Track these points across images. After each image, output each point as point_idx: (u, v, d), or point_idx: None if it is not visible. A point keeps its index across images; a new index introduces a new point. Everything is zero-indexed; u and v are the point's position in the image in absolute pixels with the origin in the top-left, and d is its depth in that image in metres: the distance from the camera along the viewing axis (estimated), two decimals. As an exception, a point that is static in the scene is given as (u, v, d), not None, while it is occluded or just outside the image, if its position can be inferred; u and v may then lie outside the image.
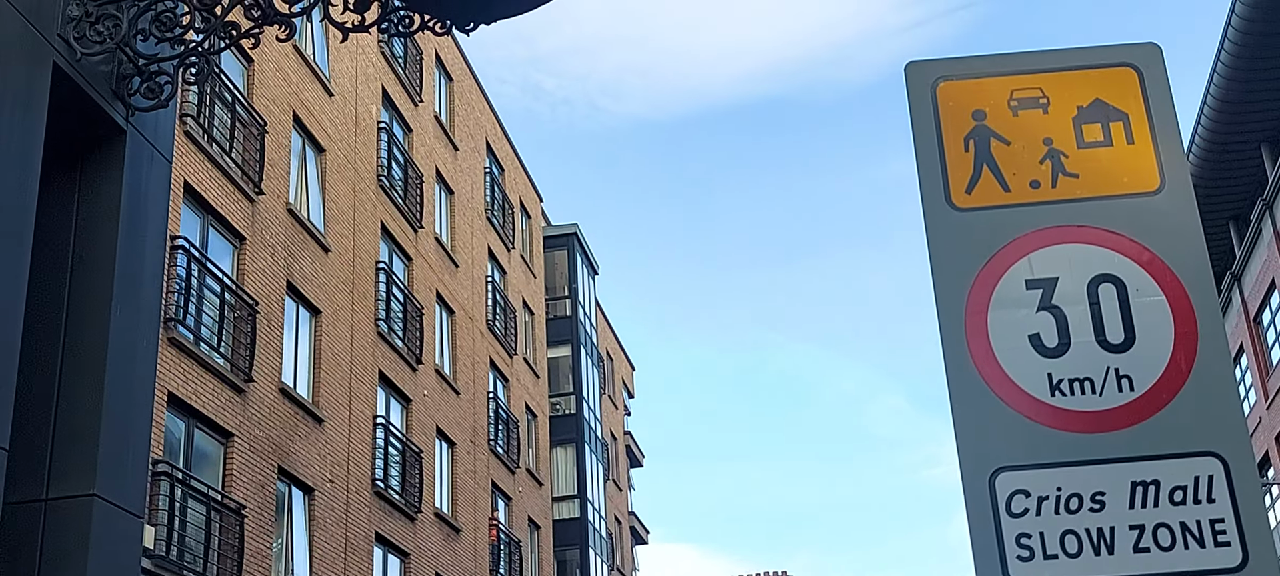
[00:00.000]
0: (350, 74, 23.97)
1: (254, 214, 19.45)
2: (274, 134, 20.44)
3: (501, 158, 33.93)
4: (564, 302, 38.94)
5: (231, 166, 18.71)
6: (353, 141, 23.75)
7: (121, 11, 5.96)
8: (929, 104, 3.44)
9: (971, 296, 3.26)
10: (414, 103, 27.31)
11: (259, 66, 20.01)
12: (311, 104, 22.00)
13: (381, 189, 24.86)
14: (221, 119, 18.53)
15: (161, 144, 6.70)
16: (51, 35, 5.79)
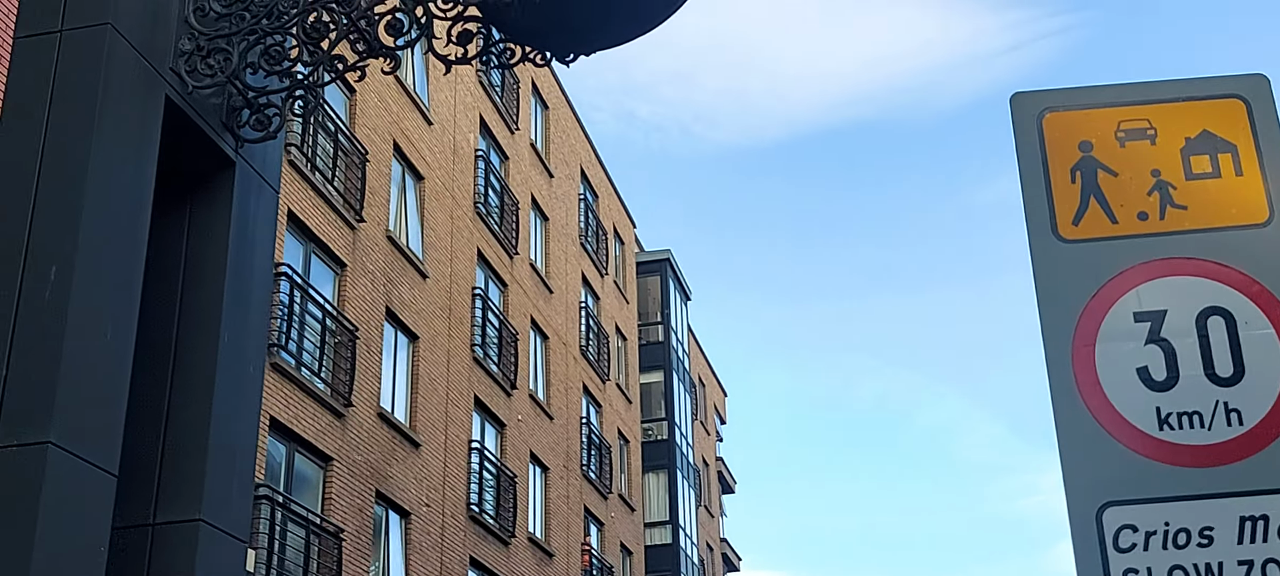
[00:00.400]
0: (449, 103, 24.37)
1: (355, 241, 19.83)
2: (375, 162, 20.83)
3: (595, 184, 34.17)
4: (657, 328, 39.01)
5: (334, 194, 19.11)
6: (451, 169, 24.11)
7: (232, 46, 6.13)
8: (1035, 135, 3.41)
9: (1079, 329, 3.22)
10: (510, 130, 27.65)
11: (361, 97, 20.44)
12: (411, 133, 22.40)
13: (478, 216, 25.18)
14: (324, 148, 18.95)
15: (269, 174, 6.87)
16: (164, 69, 5.98)
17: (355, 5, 6.13)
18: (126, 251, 5.54)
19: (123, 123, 5.63)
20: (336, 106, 19.87)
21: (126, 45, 5.68)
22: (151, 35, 5.92)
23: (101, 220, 5.38)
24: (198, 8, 6.20)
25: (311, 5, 6.18)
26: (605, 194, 35.16)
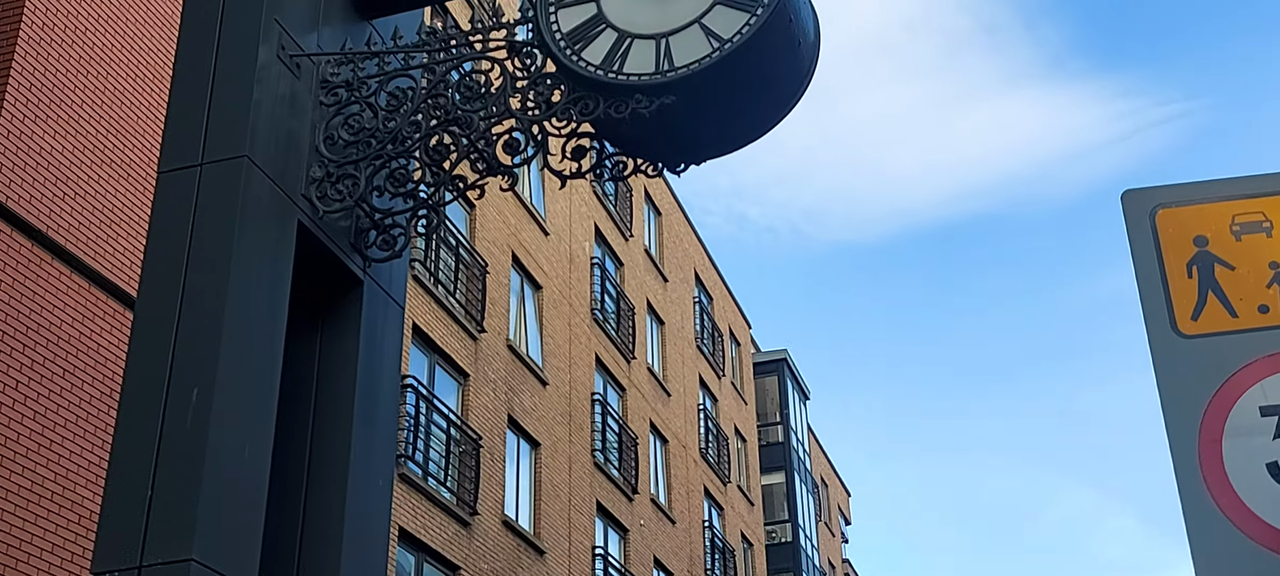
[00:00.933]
0: (565, 213, 24.83)
1: (477, 351, 20.20)
2: (495, 274, 21.28)
3: (709, 287, 34.30)
4: (776, 429, 38.68)
5: (456, 306, 19.55)
6: (568, 277, 24.49)
7: (360, 171, 6.40)
8: (1148, 231, 3.40)
9: (1204, 424, 3.17)
10: (625, 237, 28.01)
11: (481, 211, 20.97)
12: (529, 243, 22.85)
13: (595, 322, 25.46)
14: (446, 262, 19.44)
15: (395, 291, 7.11)
16: (297, 196, 6.26)
17: (474, 127, 6.37)
18: (263, 373, 5.77)
19: (259, 250, 5.90)
20: (457, 221, 20.41)
21: (262, 176, 5.97)
22: (285, 165, 6.22)
23: (239, 344, 5.62)
24: (328, 137, 6.51)
25: (433, 129, 6.44)
26: (720, 296, 35.25)
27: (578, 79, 6.13)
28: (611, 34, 6.18)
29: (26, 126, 6.05)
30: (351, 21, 7.04)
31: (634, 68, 6.04)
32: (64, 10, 6.45)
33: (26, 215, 5.94)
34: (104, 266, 6.15)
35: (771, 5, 5.98)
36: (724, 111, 6.29)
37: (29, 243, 5.94)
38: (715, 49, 5.97)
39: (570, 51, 6.17)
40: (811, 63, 6.53)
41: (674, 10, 6.15)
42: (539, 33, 6.28)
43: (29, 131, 6.05)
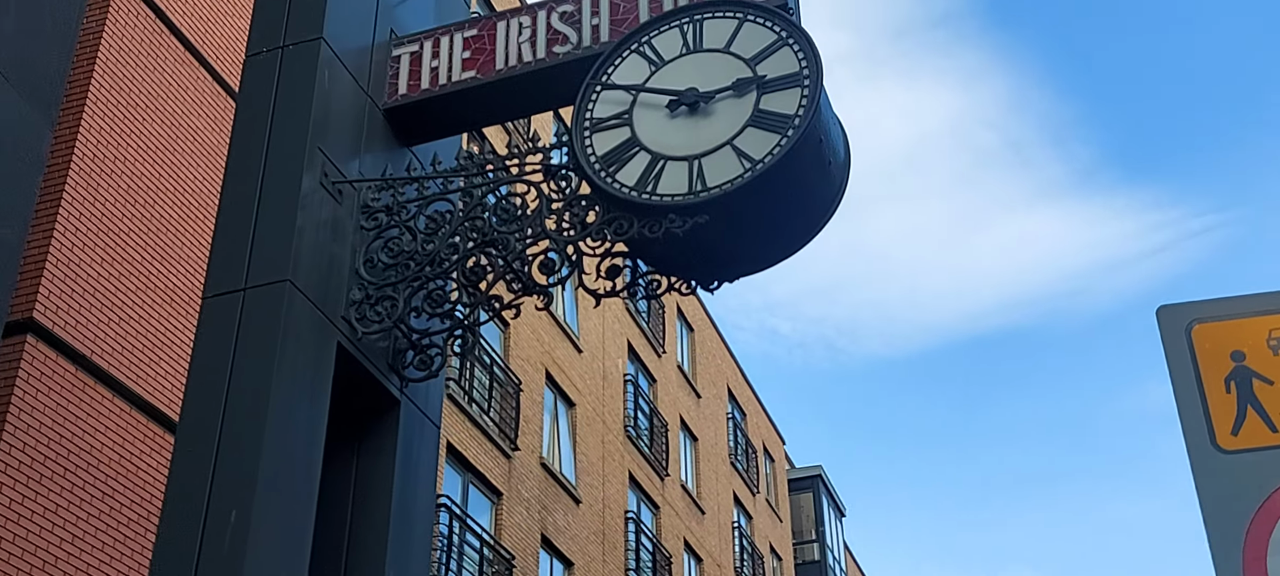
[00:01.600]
0: (598, 331, 24.93)
1: (510, 470, 20.16)
2: (528, 392, 21.33)
3: (743, 403, 34.18)
4: (812, 547, 38.17)
5: (490, 425, 19.57)
6: (601, 394, 24.49)
7: (398, 293, 6.50)
8: (1185, 347, 3.41)
9: (1248, 541, 3.15)
10: (658, 354, 28.05)
11: (515, 329, 21.09)
12: (562, 361, 22.92)
13: (629, 439, 25.38)
14: (481, 380, 19.51)
15: (431, 411, 7.16)
16: (336, 318, 6.36)
17: (511, 248, 6.47)
18: (300, 496, 5.80)
19: (299, 372, 5.98)
20: (492, 340, 20.53)
21: (304, 299, 6.08)
22: (326, 288, 6.33)
23: (278, 467, 5.67)
24: (367, 260, 6.62)
25: (470, 251, 6.55)
26: (753, 412, 35.10)
27: (612, 200, 6.23)
28: (645, 156, 6.29)
29: (75, 254, 6.19)
30: (392, 148, 7.21)
31: (667, 188, 6.14)
32: (114, 142, 6.64)
33: (71, 340, 6.05)
34: (146, 391, 6.24)
35: (801, 127, 6.09)
36: (756, 230, 6.37)
37: (73, 367, 6.05)
38: (747, 170, 6.07)
39: (605, 173, 6.29)
40: (842, 181, 6.62)
41: (706, 133, 6.26)
42: (574, 156, 6.41)
43: (77, 259, 6.20)
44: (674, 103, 6.40)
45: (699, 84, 6.43)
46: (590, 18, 7.05)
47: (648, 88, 6.50)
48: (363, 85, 7.08)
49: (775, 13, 6.58)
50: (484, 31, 7.26)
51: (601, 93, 6.57)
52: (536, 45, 7.05)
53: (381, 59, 7.30)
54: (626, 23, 6.93)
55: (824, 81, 6.25)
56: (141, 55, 6.80)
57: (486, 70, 7.11)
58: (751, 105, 6.29)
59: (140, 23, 7.00)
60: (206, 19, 7.38)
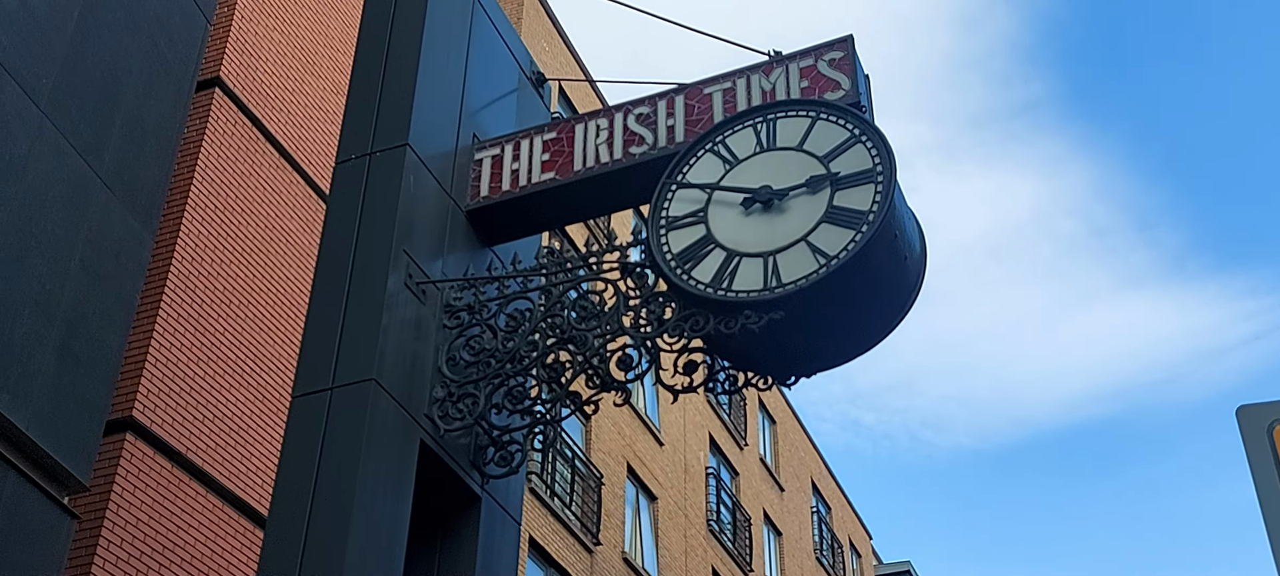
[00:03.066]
0: (679, 423, 24.92)
1: (593, 565, 20.12)
2: (610, 485, 21.34)
3: (827, 496, 33.78)
4: (903, 644, 37.34)
5: (572, 519, 19.59)
6: (683, 488, 24.40)
7: (479, 390, 6.63)
8: (1266, 447, 3.38)
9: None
10: (739, 447, 27.91)
11: (596, 422, 21.18)
12: (644, 454, 22.92)
13: (711, 534, 25.20)
14: (562, 474, 19.58)
15: (511, 507, 7.25)
16: (419, 416, 6.50)
17: (589, 345, 6.59)
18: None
19: (384, 469, 6.12)
20: (573, 433, 20.63)
21: (388, 398, 6.24)
22: (409, 386, 6.48)
23: (363, 561, 5.78)
24: (450, 358, 6.78)
25: (550, 348, 6.67)
26: (838, 505, 34.65)
27: (688, 297, 6.33)
28: (720, 253, 6.39)
29: (173, 354, 6.44)
30: (474, 248, 7.40)
31: (743, 285, 6.23)
32: (212, 245, 6.92)
33: (168, 438, 6.27)
34: (238, 487, 6.43)
35: (876, 223, 6.15)
36: (833, 325, 6.41)
37: (169, 464, 6.25)
38: (821, 265, 6.13)
39: (681, 271, 6.39)
40: (919, 275, 6.65)
41: (781, 229, 6.35)
42: (651, 254, 6.53)
43: (175, 359, 6.44)
44: (748, 200, 6.51)
45: (773, 182, 6.53)
46: (665, 119, 7.22)
47: (722, 186, 6.62)
48: (446, 188, 7.30)
49: (848, 111, 6.69)
50: (562, 134, 7.46)
51: (677, 191, 6.70)
52: (613, 146, 7.23)
53: (464, 162, 7.52)
54: (701, 123, 7.09)
55: (898, 176, 6.32)
56: (238, 161, 7.10)
57: (565, 171, 7.30)
58: (825, 202, 6.37)
59: (237, 131, 7.32)
60: (300, 125, 7.69)
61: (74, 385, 5.53)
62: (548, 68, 19.13)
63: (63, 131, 5.68)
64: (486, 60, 8.10)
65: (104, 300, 5.84)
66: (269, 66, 7.93)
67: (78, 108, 5.81)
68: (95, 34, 6.01)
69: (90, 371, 5.67)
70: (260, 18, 8.08)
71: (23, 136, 5.45)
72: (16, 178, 5.36)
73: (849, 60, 7.06)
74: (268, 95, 7.79)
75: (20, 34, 5.53)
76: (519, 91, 8.41)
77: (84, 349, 5.63)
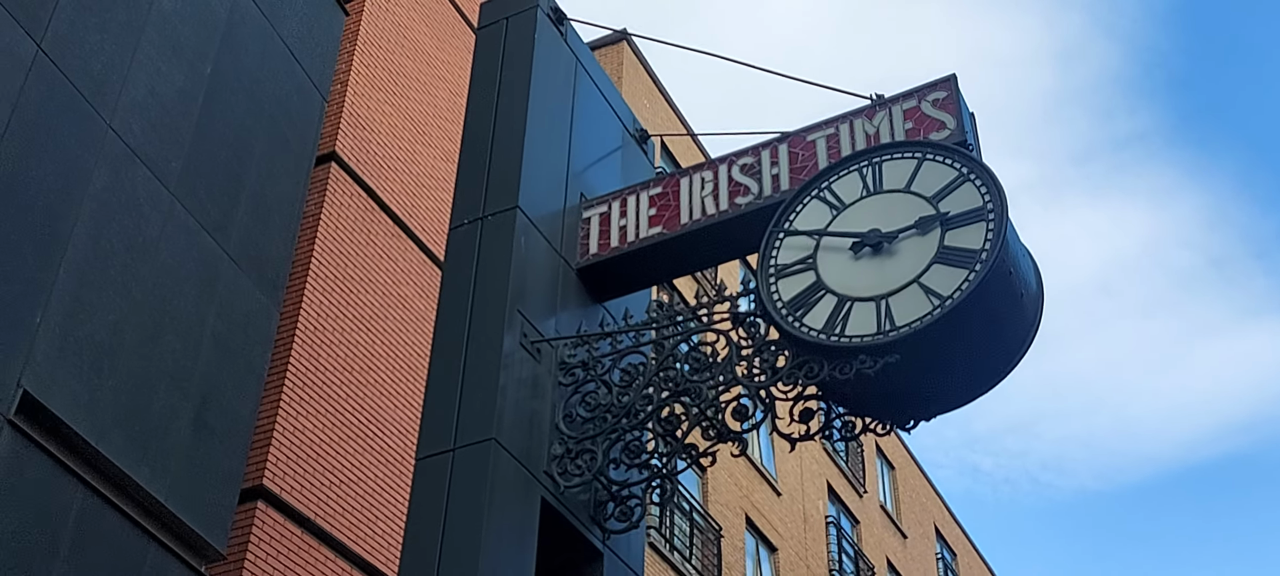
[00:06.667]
0: (796, 473, 24.70)
1: (715, 618, 19.96)
2: (729, 537, 21.22)
3: (952, 541, 33.08)
4: (1038, 692, 36.22)
5: (692, 572, 19.50)
6: (803, 538, 24.14)
7: (597, 445, 6.69)
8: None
9: None
10: (859, 494, 27.53)
11: (712, 475, 21.11)
12: (762, 505, 22.77)
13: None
14: (681, 528, 19.54)
15: (633, 561, 7.27)
16: (539, 473, 6.58)
17: (704, 396, 6.61)
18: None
19: (507, 527, 6.20)
20: (690, 486, 20.59)
21: (508, 457, 6.33)
22: (528, 444, 6.57)
23: (491, 618, 5.85)
24: (566, 414, 6.86)
25: (665, 401, 6.71)
26: (963, 551, 33.91)
27: (801, 344, 6.31)
28: (831, 299, 6.38)
29: (300, 422, 6.63)
30: (586, 305, 7.50)
31: (856, 330, 6.19)
32: (333, 314, 7.13)
33: (298, 504, 6.45)
34: (366, 550, 6.57)
35: (990, 261, 6.07)
36: (950, 367, 6.33)
37: (299, 530, 6.43)
38: (935, 307, 6.07)
39: (792, 318, 6.39)
40: (1036, 313, 6.54)
41: (892, 272, 6.31)
42: (761, 303, 6.54)
43: (301, 427, 6.63)
44: (857, 244, 6.49)
45: (882, 225, 6.51)
46: (770, 168, 7.25)
47: (830, 231, 6.61)
48: (556, 247, 7.41)
49: (954, 150, 6.64)
50: (668, 188, 7.54)
51: (785, 239, 6.72)
52: (719, 198, 7.28)
53: (572, 221, 7.64)
54: (806, 170, 7.10)
55: (1009, 213, 6.25)
56: (356, 232, 7.32)
57: (672, 225, 7.37)
58: (936, 242, 6.32)
59: (354, 203, 7.55)
60: (412, 194, 7.90)
61: (208, 456, 5.73)
62: (649, 124, 19.33)
63: (192, 212, 5.93)
64: (590, 120, 8.24)
65: (235, 372, 6.05)
66: (382, 139, 8.18)
67: (205, 188, 6.07)
68: (219, 117, 6.28)
69: (224, 442, 5.87)
70: (371, 92, 8.35)
71: (155, 218, 5.70)
72: (150, 258, 5.60)
73: (953, 99, 7.03)
74: (381, 167, 8.02)
75: (150, 121, 5.81)
76: (623, 149, 8.54)
77: (217, 420, 5.84)
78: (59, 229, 5.15)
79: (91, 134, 5.43)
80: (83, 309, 5.20)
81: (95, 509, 5.09)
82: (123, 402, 5.29)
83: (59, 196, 5.16)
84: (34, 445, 4.88)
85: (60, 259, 5.11)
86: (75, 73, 5.41)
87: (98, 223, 5.36)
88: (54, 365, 5.02)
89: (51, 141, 5.22)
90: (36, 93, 5.17)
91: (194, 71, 6.18)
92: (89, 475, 5.10)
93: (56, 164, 5.22)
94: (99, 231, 5.36)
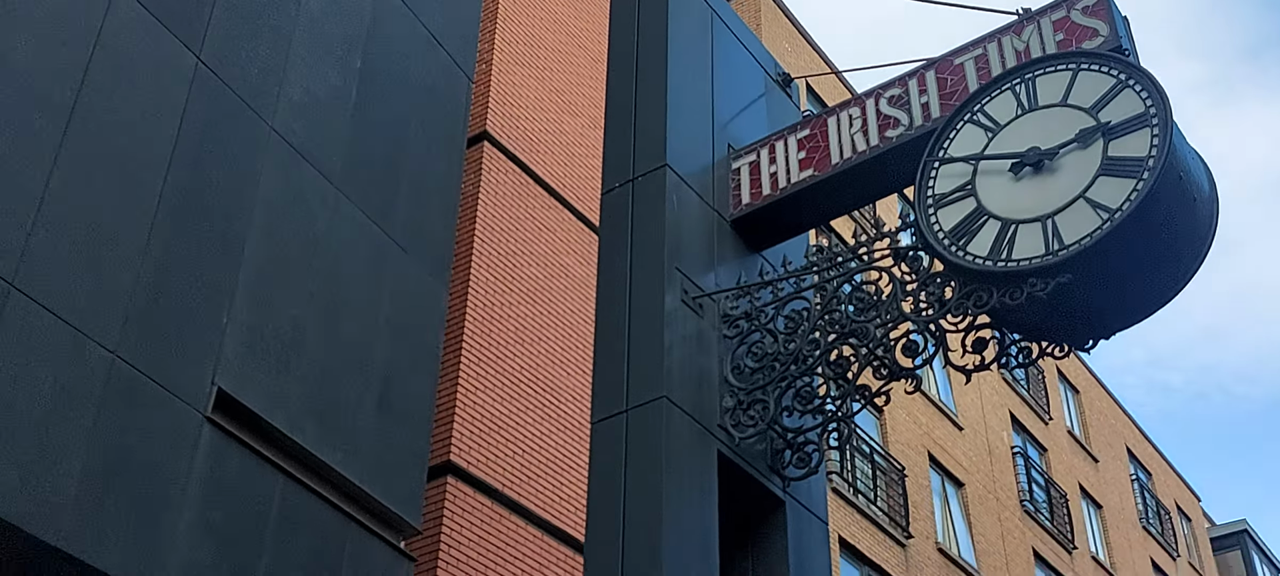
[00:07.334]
0: (977, 405, 24.24)
1: (907, 558, 19.82)
2: (913, 476, 20.99)
3: (1145, 461, 32.02)
4: (1252, 609, 34.90)
5: (879, 515, 19.39)
6: (990, 471, 23.71)
7: (768, 395, 6.71)
8: None
9: None
10: (1044, 421, 26.87)
11: (890, 414, 20.89)
12: (944, 441, 22.43)
13: (1026, 514, 24.35)
14: (863, 471, 19.42)
15: (816, 507, 7.28)
16: (713, 427, 6.64)
17: (871, 336, 6.55)
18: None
19: (686, 483, 6.29)
20: (868, 428, 20.42)
21: (680, 413, 6.41)
22: (699, 399, 6.63)
23: (679, 566, 5.95)
24: (734, 367, 6.90)
25: (832, 344, 6.68)
26: (1159, 470, 32.80)
27: (967, 273, 6.20)
28: (995, 224, 6.24)
29: (478, 397, 6.82)
30: (743, 255, 7.50)
31: (1023, 253, 6.05)
32: (500, 289, 7.30)
33: (485, 476, 6.64)
34: (552, 515, 6.74)
35: (1157, 168, 5.86)
36: (1125, 281, 6.12)
37: (488, 501, 6.62)
38: (1104, 221, 5.89)
39: (955, 248, 6.28)
40: (1211, 216, 6.27)
41: (1055, 190, 6.14)
42: (922, 235, 6.44)
43: (480, 401, 6.82)
44: (1017, 165, 6.33)
45: (1040, 142, 6.33)
46: (918, 97, 7.11)
47: (988, 155, 6.46)
48: (709, 201, 7.43)
49: (1110, 57, 6.40)
50: (816, 130, 7.47)
51: (940, 167, 6.59)
52: (868, 133, 7.18)
53: (723, 174, 7.64)
54: (956, 95, 6.94)
55: (1173, 116, 6.00)
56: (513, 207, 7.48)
57: (823, 166, 7.30)
58: (1099, 154, 6.12)
59: (509, 178, 7.71)
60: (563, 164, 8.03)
61: (395, 437, 5.95)
62: (791, 67, 19.12)
63: (356, 203, 6.14)
64: (731, 70, 8.21)
65: (412, 354, 6.25)
66: (529, 113, 8.32)
67: (366, 179, 6.27)
68: (373, 109, 6.47)
69: (408, 422, 6.08)
70: (515, 68, 8.48)
71: (322, 214, 5.92)
72: (321, 252, 5.83)
73: (1103, 5, 6.77)
74: (531, 140, 8.16)
75: (309, 120, 6.02)
76: (767, 95, 8.48)
77: (400, 402, 6.05)
78: (235, 232, 5.40)
79: (256, 138, 5.67)
80: (264, 306, 5.45)
81: (295, 495, 5.34)
82: (310, 392, 5.53)
83: (231, 200, 5.41)
84: (233, 440, 5.14)
85: (239, 261, 5.36)
86: (235, 81, 5.64)
87: (269, 222, 5.60)
88: (243, 362, 5.27)
89: (219, 149, 5.47)
90: (200, 103, 5.42)
91: (345, 67, 6.38)
92: (287, 464, 5.35)
93: (226, 170, 5.46)
94: (271, 231, 5.60)
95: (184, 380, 4.96)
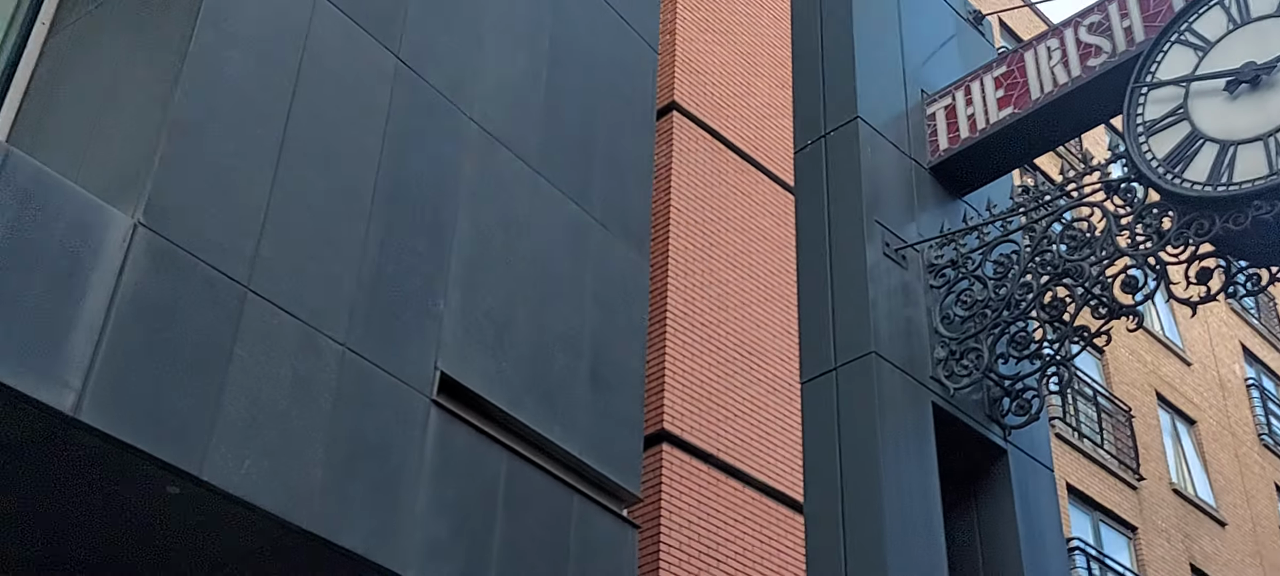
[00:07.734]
0: (1204, 339, 23.09)
1: (1140, 501, 19.09)
2: (1141, 417, 20.16)
3: (1403, 385, 29.86)
4: None
5: (1107, 458, 18.71)
6: (1223, 406, 22.57)
7: (981, 343, 6.58)
8: None
9: None
10: (1278, 350, 25.37)
11: (1112, 354, 20.11)
12: (1172, 378, 21.46)
13: (1266, 448, 23.09)
14: (1087, 414, 18.77)
15: (1040, 454, 7.09)
16: (925, 379, 6.54)
17: (1086, 274, 6.34)
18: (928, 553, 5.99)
19: (902, 437, 6.22)
20: (1089, 371, 19.71)
21: (891, 367, 6.34)
22: (909, 352, 6.55)
23: (902, 528, 5.92)
24: (944, 316, 6.78)
25: (1045, 286, 6.49)
26: None
27: (1186, 201, 5.93)
28: (1212, 147, 5.94)
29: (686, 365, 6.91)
30: (944, 203, 7.35)
31: (1244, 175, 5.75)
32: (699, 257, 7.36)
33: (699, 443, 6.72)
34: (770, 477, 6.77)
35: (1391, 68, 5.46)
36: (1360, 194, 5.74)
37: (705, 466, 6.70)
38: (1335, 131, 5.53)
39: (1171, 176, 6.00)
40: None
41: (1275, 106, 5.80)
42: (1134, 165, 6.18)
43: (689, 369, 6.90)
44: (1232, 83, 5.99)
45: (1256, 56, 5.99)
46: (1120, 21, 6.80)
47: (1199, 75, 6.14)
48: (904, 150, 7.30)
49: (1332, -45, 5.99)
50: (1012, 66, 7.24)
51: (1149, 93, 6.31)
52: (1069, 64, 6.91)
53: (917, 120, 7.49)
54: (1160, 16, 6.61)
55: None
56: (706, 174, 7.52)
57: (1022, 103, 7.08)
58: (1324, 62, 5.75)
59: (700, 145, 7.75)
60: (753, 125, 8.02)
61: (610, 409, 6.08)
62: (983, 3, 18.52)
63: (554, 183, 6.28)
64: (919, 14, 8.02)
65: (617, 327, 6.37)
66: (716, 79, 8.32)
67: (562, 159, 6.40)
68: (563, 89, 6.60)
69: (621, 393, 6.20)
70: (699, 35, 8.49)
71: (522, 196, 6.09)
72: (525, 234, 5.99)
73: (1321, -99, 6.32)
74: (720, 106, 8.17)
75: (503, 106, 6.19)
76: (958, 36, 8.26)
77: (611, 374, 6.17)
78: (443, 220, 5.61)
79: (455, 128, 5.87)
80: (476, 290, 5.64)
81: (521, 471, 5.53)
82: (526, 370, 5.71)
83: (437, 190, 5.62)
84: (458, 420, 5.35)
85: (449, 248, 5.57)
86: (432, 75, 5.85)
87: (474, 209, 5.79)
88: (462, 345, 5.48)
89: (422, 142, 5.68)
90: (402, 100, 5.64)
91: (534, 50, 6.52)
92: (510, 441, 5.54)
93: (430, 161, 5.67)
94: (477, 217, 5.79)
95: (409, 366, 5.20)
